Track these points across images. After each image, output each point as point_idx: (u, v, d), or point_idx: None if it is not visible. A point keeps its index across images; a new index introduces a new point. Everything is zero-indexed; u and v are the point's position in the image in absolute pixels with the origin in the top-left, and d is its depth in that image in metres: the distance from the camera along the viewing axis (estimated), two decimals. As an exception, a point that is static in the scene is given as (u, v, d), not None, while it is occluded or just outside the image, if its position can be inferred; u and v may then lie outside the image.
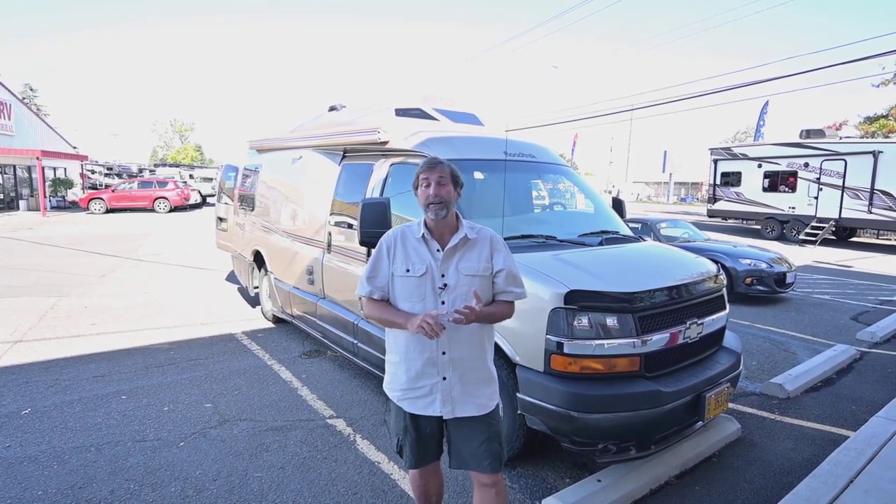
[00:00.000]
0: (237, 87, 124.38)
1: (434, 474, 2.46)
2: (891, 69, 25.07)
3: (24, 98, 34.91)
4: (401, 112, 5.04)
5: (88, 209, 24.18)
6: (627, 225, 4.75)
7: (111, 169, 39.35)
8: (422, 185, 2.19)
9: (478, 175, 4.31)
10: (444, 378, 2.18)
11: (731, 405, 4.17)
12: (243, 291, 8.28)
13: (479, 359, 2.24)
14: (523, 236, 3.85)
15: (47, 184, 25.86)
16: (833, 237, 18.42)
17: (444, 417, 2.21)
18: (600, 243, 3.96)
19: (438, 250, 2.18)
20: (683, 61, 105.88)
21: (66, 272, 9.77)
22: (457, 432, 2.25)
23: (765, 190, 19.54)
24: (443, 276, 2.16)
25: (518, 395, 3.17)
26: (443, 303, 2.13)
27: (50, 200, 25.69)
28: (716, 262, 4.24)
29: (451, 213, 2.20)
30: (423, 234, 2.20)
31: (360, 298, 2.33)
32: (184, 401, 4.39)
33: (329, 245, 4.99)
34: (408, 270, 2.17)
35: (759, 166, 19.69)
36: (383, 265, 2.22)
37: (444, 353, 2.16)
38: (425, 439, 2.29)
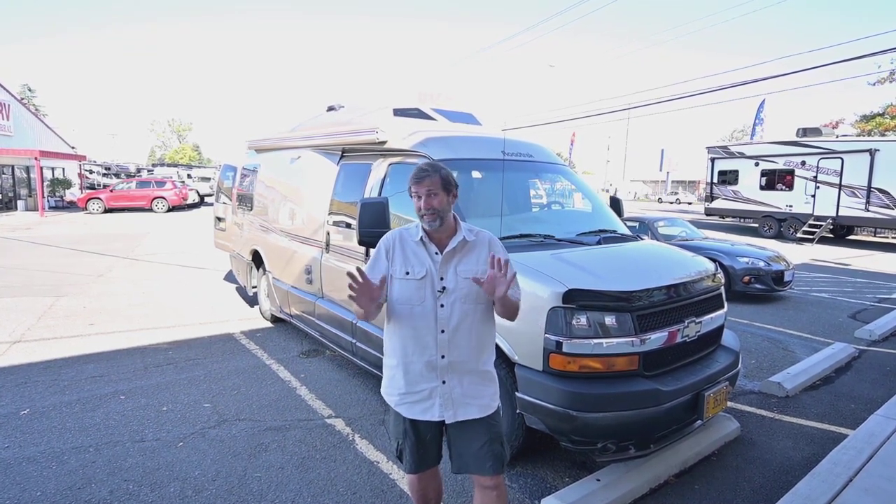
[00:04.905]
0: (235, 86, 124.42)
1: (433, 478, 2.44)
2: (887, 67, 25.16)
3: (22, 98, 34.81)
4: (399, 112, 5.04)
5: (86, 209, 24.11)
6: (625, 223, 4.76)
7: (109, 169, 39.30)
8: (413, 196, 2.17)
9: (476, 174, 4.31)
10: (444, 382, 2.16)
11: (729, 404, 4.17)
12: (241, 291, 8.27)
13: (478, 361, 2.21)
14: (521, 235, 3.86)
15: (45, 184, 25.81)
16: (831, 235, 18.45)
17: (447, 422, 2.19)
18: (598, 242, 3.97)
19: (437, 253, 2.17)
20: (680, 60, 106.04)
21: (64, 272, 9.75)
22: (458, 435, 2.22)
23: (762, 188, 19.59)
24: (441, 279, 2.15)
25: (517, 394, 3.17)
26: (442, 306, 2.13)
27: (48, 200, 25.64)
28: (714, 260, 4.25)
29: (448, 219, 2.18)
30: (422, 237, 2.18)
31: None
32: (182, 401, 4.38)
33: (327, 244, 4.99)
34: (407, 273, 2.16)
35: (757, 165, 19.73)
36: (379, 267, 2.21)
37: (443, 357, 2.14)
38: (425, 444, 2.27)
